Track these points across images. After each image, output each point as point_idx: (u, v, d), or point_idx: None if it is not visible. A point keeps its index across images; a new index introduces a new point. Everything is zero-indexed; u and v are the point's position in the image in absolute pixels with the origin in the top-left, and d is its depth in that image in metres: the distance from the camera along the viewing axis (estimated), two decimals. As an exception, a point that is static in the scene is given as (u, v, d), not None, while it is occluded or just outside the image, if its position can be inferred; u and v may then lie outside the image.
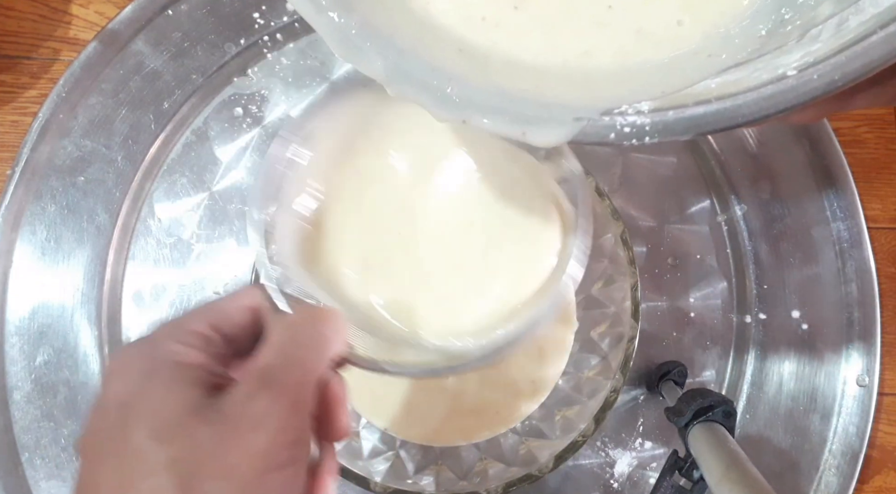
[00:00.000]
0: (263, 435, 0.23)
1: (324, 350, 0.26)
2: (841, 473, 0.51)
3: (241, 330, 0.28)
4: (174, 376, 0.24)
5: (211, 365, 0.25)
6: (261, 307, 0.29)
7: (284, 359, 0.25)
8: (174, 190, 0.54)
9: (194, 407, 0.23)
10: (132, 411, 0.23)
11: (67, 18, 0.56)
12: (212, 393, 0.24)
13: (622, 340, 0.43)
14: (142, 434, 0.22)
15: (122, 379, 0.24)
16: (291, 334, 0.26)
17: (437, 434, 0.47)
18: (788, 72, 0.19)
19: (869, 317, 0.53)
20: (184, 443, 0.22)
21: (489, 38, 0.26)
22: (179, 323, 0.27)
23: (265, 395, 0.23)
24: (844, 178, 0.55)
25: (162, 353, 0.25)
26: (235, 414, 0.23)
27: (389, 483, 0.41)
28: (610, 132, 0.21)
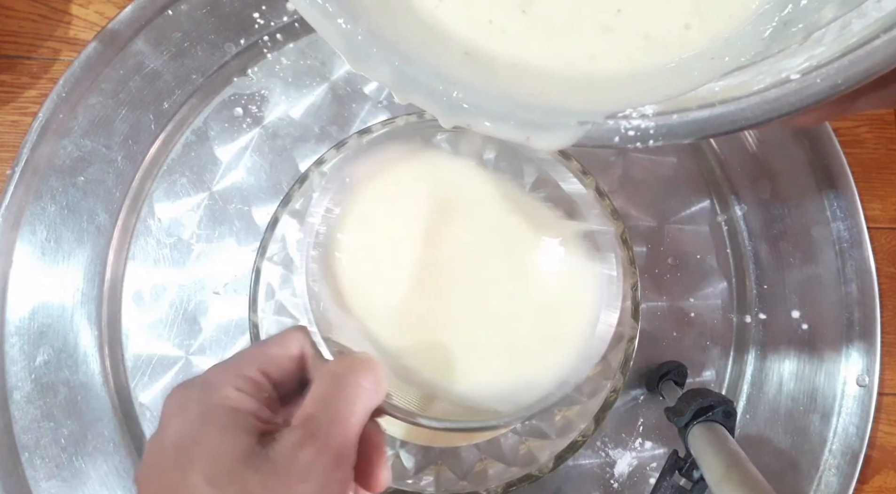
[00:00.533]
0: (310, 486, 0.24)
1: (364, 401, 0.27)
2: (841, 473, 0.52)
3: (288, 374, 0.29)
4: (228, 422, 0.25)
5: (261, 412, 0.27)
6: (306, 352, 0.30)
7: (329, 411, 0.26)
8: (174, 190, 0.54)
9: (246, 455, 0.24)
10: (189, 454, 0.24)
11: (67, 18, 0.56)
12: (262, 440, 0.25)
13: (622, 340, 0.42)
14: (198, 479, 0.24)
15: (179, 420, 0.25)
16: (336, 385, 0.27)
17: (438, 435, 0.47)
18: (792, 75, 0.19)
19: (869, 317, 0.53)
20: (237, 490, 0.23)
21: (496, 42, 0.26)
22: (232, 365, 0.28)
23: (311, 446, 0.25)
24: (844, 178, 0.55)
25: (217, 398, 0.26)
26: (284, 464, 0.24)
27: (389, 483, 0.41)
28: (614, 136, 0.21)
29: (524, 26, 0.26)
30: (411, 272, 0.36)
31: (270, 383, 0.28)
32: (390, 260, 0.36)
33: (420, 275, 0.36)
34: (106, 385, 0.51)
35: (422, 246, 0.36)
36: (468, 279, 0.36)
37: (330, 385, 0.27)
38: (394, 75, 0.22)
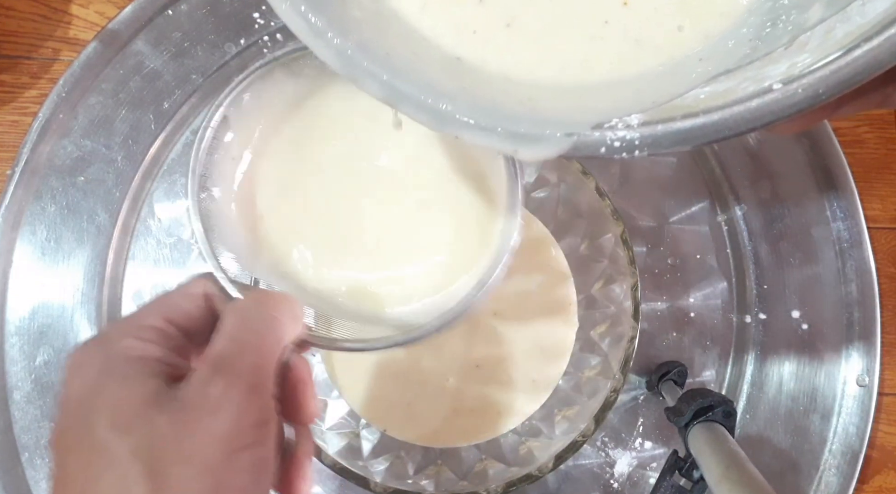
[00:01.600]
0: (223, 418, 0.23)
1: (276, 332, 0.27)
2: (841, 473, 0.51)
3: (197, 320, 0.28)
4: (130, 370, 0.24)
5: (169, 357, 0.26)
6: (213, 296, 0.29)
7: (237, 344, 0.25)
8: (174, 190, 0.54)
9: (152, 397, 0.23)
10: (91, 406, 0.23)
11: (67, 18, 0.56)
12: (171, 383, 0.24)
13: (622, 340, 0.43)
14: (103, 427, 0.23)
15: (79, 377, 0.25)
16: (242, 318, 0.27)
17: (438, 436, 0.47)
18: (774, 85, 0.19)
19: (869, 317, 0.53)
20: (144, 432, 0.22)
21: (481, 52, 0.26)
22: (132, 318, 0.27)
23: (220, 380, 0.24)
24: (844, 178, 0.55)
25: (117, 350, 0.25)
26: (193, 400, 0.23)
27: (389, 483, 0.41)
28: (601, 147, 0.21)
29: (508, 39, 0.26)
30: (319, 202, 0.35)
31: (177, 329, 0.27)
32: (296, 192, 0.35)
33: (329, 205, 0.35)
34: (106, 385, 0.51)
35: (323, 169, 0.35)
36: (378, 202, 0.35)
37: (236, 319, 0.27)
38: (384, 89, 0.23)
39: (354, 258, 0.35)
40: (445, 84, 0.24)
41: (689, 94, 0.23)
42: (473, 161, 0.35)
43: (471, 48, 0.26)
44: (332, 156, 0.35)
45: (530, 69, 0.26)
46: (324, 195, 0.35)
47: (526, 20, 0.26)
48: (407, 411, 0.47)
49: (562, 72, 0.25)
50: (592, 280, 0.48)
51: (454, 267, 0.35)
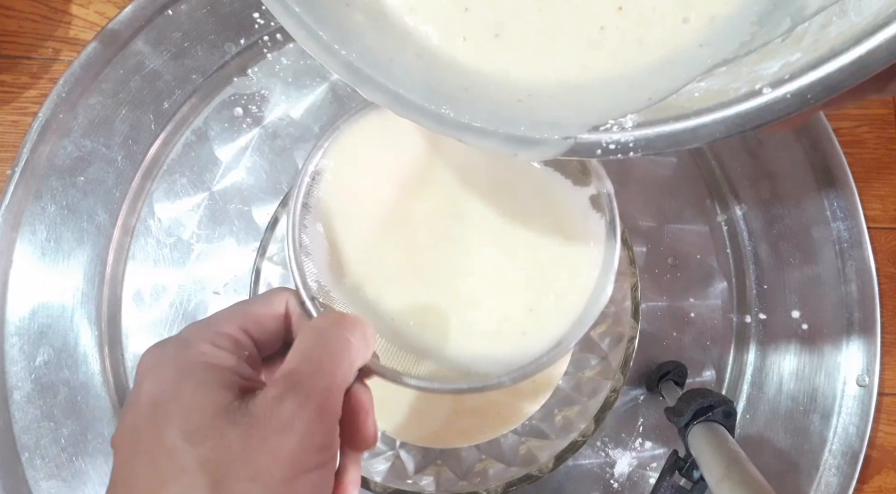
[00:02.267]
0: (291, 439, 0.23)
1: (350, 356, 0.26)
2: (841, 473, 0.51)
3: (272, 334, 0.28)
4: (205, 377, 0.24)
5: (241, 368, 0.26)
6: (291, 312, 0.29)
7: (312, 364, 0.25)
8: (174, 190, 0.54)
9: (224, 409, 0.23)
10: (164, 410, 0.23)
11: (67, 18, 0.56)
12: (242, 396, 0.24)
13: (622, 340, 0.43)
14: (174, 434, 0.23)
15: (154, 378, 0.24)
16: (319, 339, 0.26)
17: (438, 436, 0.47)
18: (764, 89, 0.20)
19: (869, 317, 0.53)
20: (214, 444, 0.22)
21: (475, 58, 0.26)
22: (210, 323, 0.27)
23: (292, 399, 0.24)
24: (844, 178, 0.55)
25: (193, 354, 0.25)
26: (264, 417, 0.23)
27: (389, 483, 0.41)
28: (596, 148, 0.22)
29: (499, 46, 0.26)
30: (401, 232, 0.36)
31: (252, 341, 0.27)
32: (379, 221, 0.36)
33: (410, 236, 0.36)
34: (106, 385, 0.51)
35: (411, 206, 0.36)
36: (460, 238, 0.35)
37: (313, 339, 0.26)
38: (388, 98, 0.23)
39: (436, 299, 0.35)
40: (446, 87, 0.24)
41: (683, 91, 0.23)
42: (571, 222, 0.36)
43: (464, 54, 0.26)
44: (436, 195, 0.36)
45: (526, 74, 0.26)
46: (418, 230, 0.36)
47: (514, 29, 0.26)
48: (407, 411, 0.47)
49: (558, 76, 0.26)
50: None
51: (526, 323, 0.35)
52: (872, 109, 0.57)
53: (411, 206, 0.36)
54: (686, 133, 0.21)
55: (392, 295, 0.35)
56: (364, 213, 0.36)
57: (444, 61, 0.26)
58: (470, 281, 0.35)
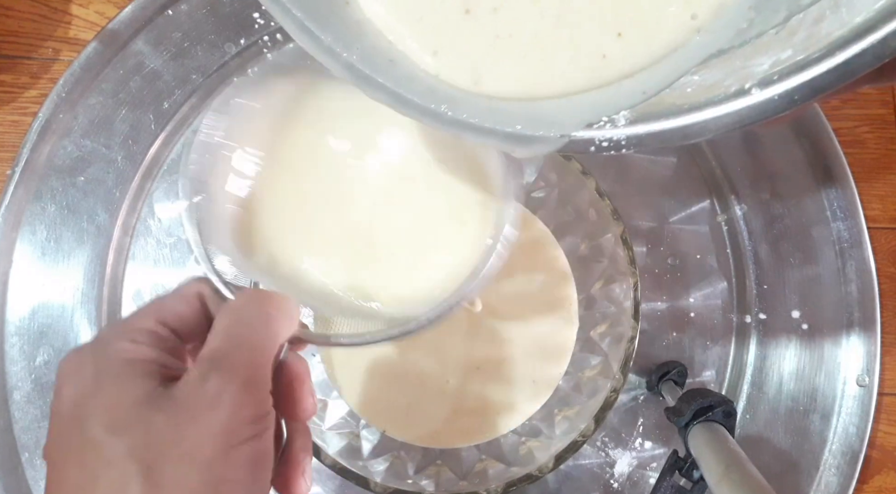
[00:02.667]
0: (220, 414, 0.23)
1: (271, 328, 0.27)
2: (841, 473, 0.51)
3: (191, 322, 0.28)
4: (125, 371, 0.24)
5: (162, 359, 0.25)
6: (208, 298, 0.29)
7: (232, 340, 0.25)
8: (174, 190, 0.54)
9: (147, 397, 0.23)
10: (85, 410, 0.23)
11: (67, 18, 0.56)
12: (166, 383, 0.24)
13: (622, 340, 0.43)
14: (98, 429, 0.22)
15: (73, 382, 0.24)
16: (236, 316, 0.27)
17: (438, 436, 0.47)
18: (753, 89, 0.20)
19: (869, 317, 0.53)
20: (140, 431, 0.22)
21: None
22: (126, 322, 0.27)
23: (216, 376, 0.24)
24: (844, 178, 0.55)
25: (110, 353, 0.25)
26: (189, 398, 0.23)
27: (389, 483, 0.41)
28: (590, 145, 0.23)
29: (498, 58, 0.26)
30: (312, 198, 0.35)
31: (171, 332, 0.27)
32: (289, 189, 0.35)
33: (323, 201, 0.35)
34: (106, 385, 0.51)
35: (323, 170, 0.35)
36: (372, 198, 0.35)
37: (230, 317, 0.27)
38: (390, 98, 0.24)
39: (350, 255, 0.35)
40: (445, 86, 0.25)
41: (677, 85, 0.23)
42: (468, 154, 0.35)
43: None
44: (325, 154, 0.35)
45: (527, 76, 0.26)
46: (317, 193, 0.35)
47: (514, 34, 0.26)
48: (407, 412, 0.47)
49: (561, 89, 0.26)
50: (592, 280, 0.48)
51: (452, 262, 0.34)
52: (872, 109, 0.57)
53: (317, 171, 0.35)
54: (676, 131, 0.21)
55: (312, 263, 0.34)
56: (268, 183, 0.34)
57: None
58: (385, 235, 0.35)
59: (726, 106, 0.21)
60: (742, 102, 0.20)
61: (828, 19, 0.21)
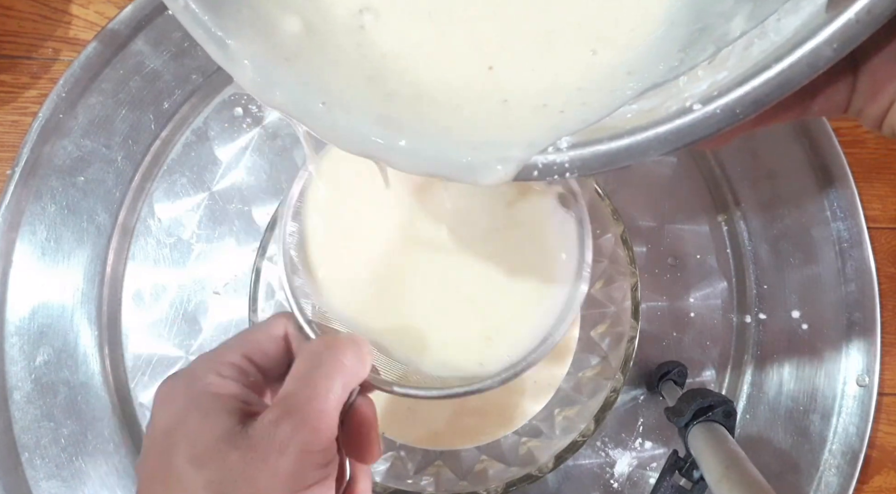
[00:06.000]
0: (288, 459, 0.25)
1: (344, 377, 0.28)
2: (841, 473, 0.52)
3: (274, 359, 0.30)
4: (211, 406, 0.26)
5: (245, 395, 0.28)
6: (291, 336, 0.31)
7: (305, 388, 0.27)
8: (174, 190, 0.54)
9: (227, 434, 0.25)
10: (173, 439, 0.26)
11: (67, 18, 0.56)
12: (245, 421, 0.26)
13: (622, 340, 0.43)
14: (182, 460, 0.25)
15: (165, 410, 0.27)
16: (313, 363, 0.28)
17: (438, 438, 0.47)
18: (695, 105, 0.21)
19: (869, 317, 0.53)
20: (217, 467, 0.25)
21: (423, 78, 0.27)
22: (216, 355, 0.29)
23: (287, 422, 0.26)
24: (844, 178, 0.55)
25: (200, 385, 0.27)
26: (262, 440, 0.25)
27: (389, 483, 0.41)
28: (533, 171, 0.23)
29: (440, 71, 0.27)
30: (383, 250, 0.37)
31: (256, 368, 0.29)
32: (362, 242, 0.37)
33: (392, 253, 0.37)
34: (106, 385, 0.51)
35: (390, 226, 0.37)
36: (439, 250, 0.37)
37: (307, 363, 0.28)
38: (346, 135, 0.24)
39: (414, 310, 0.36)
40: (400, 113, 0.25)
41: (616, 114, 0.24)
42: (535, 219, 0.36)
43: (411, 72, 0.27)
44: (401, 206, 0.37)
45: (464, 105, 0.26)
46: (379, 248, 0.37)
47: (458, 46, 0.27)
48: (407, 414, 0.47)
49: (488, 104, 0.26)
50: (592, 280, 0.48)
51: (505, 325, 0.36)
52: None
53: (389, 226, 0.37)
54: (621, 152, 0.22)
55: (378, 314, 0.36)
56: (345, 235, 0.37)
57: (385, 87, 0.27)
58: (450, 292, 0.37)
59: (669, 124, 0.21)
60: (685, 119, 0.21)
61: (756, 44, 0.21)
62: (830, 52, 0.19)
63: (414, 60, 0.27)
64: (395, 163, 0.24)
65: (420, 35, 0.27)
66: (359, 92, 0.26)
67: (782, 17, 0.21)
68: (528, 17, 0.27)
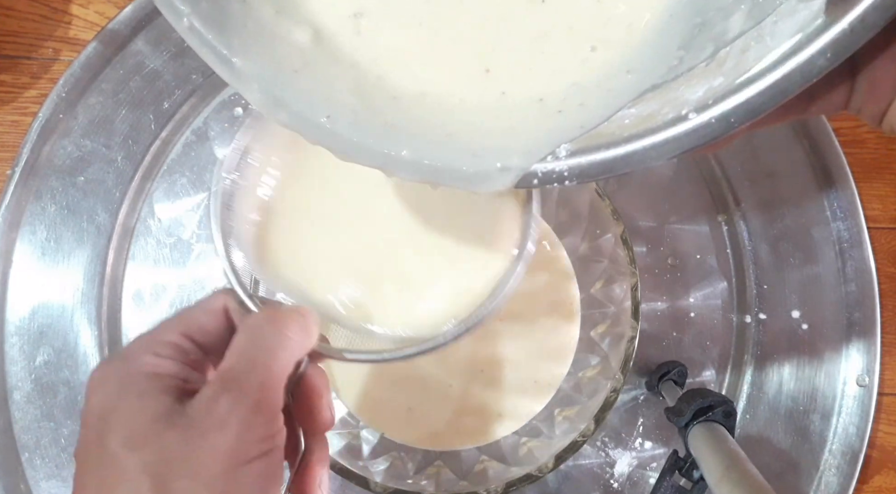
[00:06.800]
0: (228, 434, 0.24)
1: (287, 349, 0.28)
2: (841, 473, 0.51)
3: (215, 335, 0.29)
4: (146, 386, 0.25)
5: (183, 373, 0.27)
6: (232, 311, 0.30)
7: (245, 362, 0.26)
8: (174, 190, 0.54)
9: (163, 414, 0.24)
10: (108, 422, 0.25)
11: (67, 18, 0.56)
12: (183, 399, 0.25)
13: (622, 340, 0.43)
14: (117, 443, 0.24)
15: (100, 393, 0.26)
16: (252, 337, 0.28)
17: (438, 439, 0.47)
18: (690, 115, 0.21)
19: (869, 317, 0.53)
20: (154, 448, 0.24)
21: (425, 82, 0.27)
22: (152, 335, 0.28)
23: (226, 397, 0.25)
24: (844, 178, 0.55)
25: (135, 366, 0.26)
26: (201, 417, 0.24)
27: (389, 483, 0.41)
28: (533, 179, 0.23)
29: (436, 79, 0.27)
30: (329, 216, 0.36)
31: (195, 345, 0.28)
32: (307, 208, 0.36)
33: (338, 218, 0.36)
34: (106, 385, 0.51)
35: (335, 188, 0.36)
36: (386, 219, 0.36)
37: (247, 337, 0.28)
38: (350, 148, 0.24)
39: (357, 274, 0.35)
40: (395, 124, 0.25)
41: (614, 119, 0.24)
42: None
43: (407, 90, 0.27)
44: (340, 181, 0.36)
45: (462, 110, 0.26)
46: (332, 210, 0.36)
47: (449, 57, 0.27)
48: (407, 415, 0.47)
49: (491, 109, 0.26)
50: (592, 280, 0.48)
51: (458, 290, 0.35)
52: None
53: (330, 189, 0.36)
54: (618, 160, 0.22)
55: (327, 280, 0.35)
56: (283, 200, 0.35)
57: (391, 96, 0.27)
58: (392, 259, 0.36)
59: (666, 132, 0.21)
60: (681, 127, 0.21)
61: (753, 48, 0.22)
62: (824, 61, 0.19)
63: (409, 67, 0.27)
64: (397, 173, 0.24)
65: (415, 41, 0.27)
66: (360, 102, 0.26)
67: (779, 20, 0.22)
68: (525, 18, 0.27)
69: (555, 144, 0.23)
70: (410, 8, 0.27)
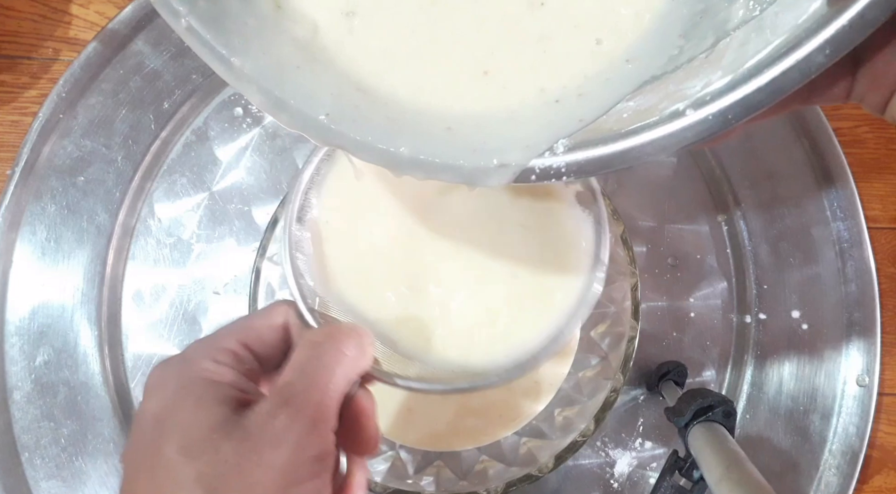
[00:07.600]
0: (283, 452, 0.24)
1: (344, 368, 0.27)
2: (841, 473, 0.51)
3: (272, 347, 0.29)
4: (204, 393, 0.25)
5: (240, 383, 0.27)
6: (291, 324, 0.30)
7: (304, 378, 0.26)
8: (174, 190, 0.54)
9: (220, 424, 0.24)
10: (164, 427, 0.25)
11: (67, 18, 0.56)
12: (240, 410, 0.25)
13: (622, 340, 0.43)
14: (172, 449, 0.24)
15: (157, 396, 0.26)
16: (313, 353, 0.27)
17: (439, 440, 0.47)
18: (688, 111, 0.21)
19: (869, 317, 0.53)
20: (210, 459, 0.23)
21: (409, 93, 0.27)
22: (212, 340, 0.28)
23: (284, 413, 0.25)
24: (844, 178, 0.55)
25: (194, 371, 0.26)
26: (257, 431, 0.24)
27: (389, 483, 0.41)
28: (531, 174, 0.23)
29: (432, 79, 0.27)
30: (394, 242, 0.36)
31: (253, 355, 0.28)
32: (374, 230, 0.36)
33: (404, 245, 0.36)
34: (106, 385, 0.51)
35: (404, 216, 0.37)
36: (451, 245, 0.36)
37: (308, 352, 0.27)
38: (351, 145, 0.24)
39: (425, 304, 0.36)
40: (394, 120, 0.25)
41: (613, 112, 0.24)
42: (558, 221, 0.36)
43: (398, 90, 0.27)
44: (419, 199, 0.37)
45: (457, 104, 0.27)
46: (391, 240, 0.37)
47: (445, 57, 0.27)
48: (407, 416, 0.47)
49: (490, 106, 0.26)
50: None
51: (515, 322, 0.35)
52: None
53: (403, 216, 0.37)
54: (616, 156, 0.22)
55: (387, 304, 0.36)
56: (357, 224, 0.36)
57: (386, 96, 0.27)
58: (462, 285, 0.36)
59: (662, 128, 0.21)
60: (678, 124, 0.21)
61: (753, 41, 0.22)
62: (822, 58, 0.19)
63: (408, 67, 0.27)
64: (397, 169, 0.24)
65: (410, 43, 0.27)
66: (360, 99, 0.26)
67: (780, 12, 0.21)
68: (525, 21, 0.27)
69: (553, 139, 0.23)
70: (404, 9, 0.27)
